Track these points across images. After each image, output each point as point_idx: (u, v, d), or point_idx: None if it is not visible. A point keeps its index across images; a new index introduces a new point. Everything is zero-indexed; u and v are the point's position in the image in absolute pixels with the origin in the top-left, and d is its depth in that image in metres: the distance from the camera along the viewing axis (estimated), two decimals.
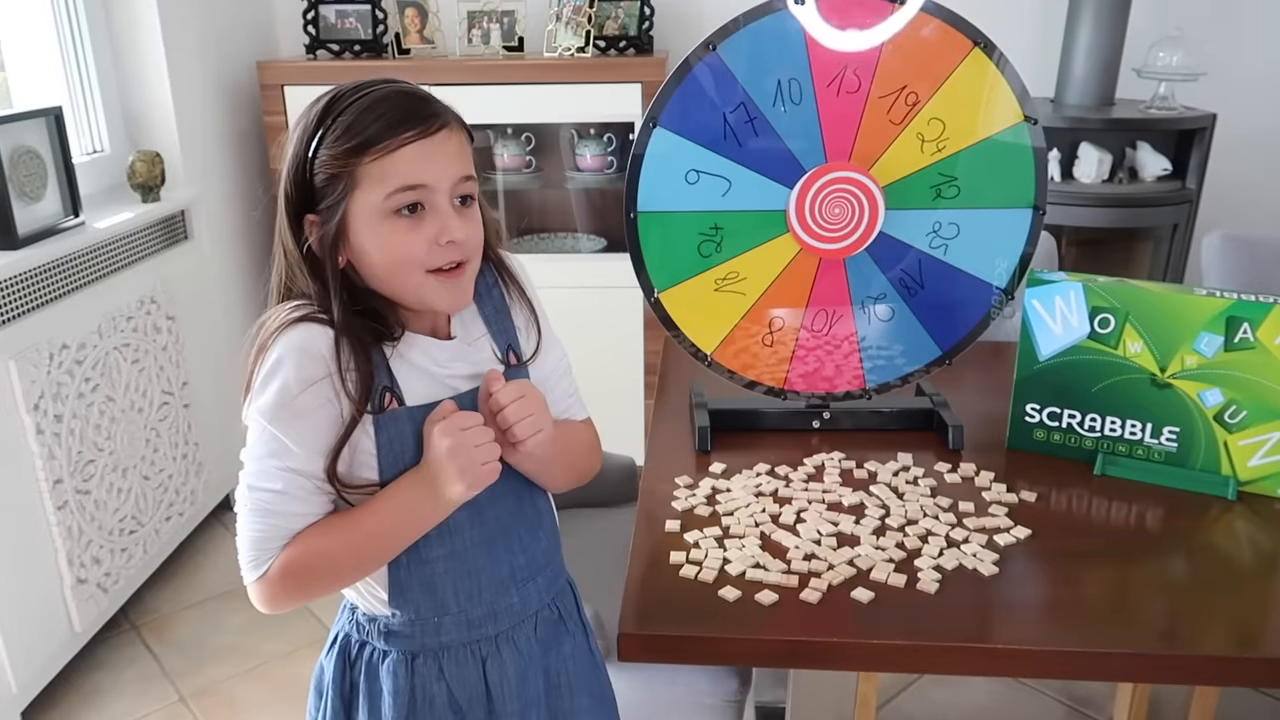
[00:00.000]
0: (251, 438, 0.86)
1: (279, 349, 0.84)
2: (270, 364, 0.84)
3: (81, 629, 1.96)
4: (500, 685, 0.95)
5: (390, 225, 0.84)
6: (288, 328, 0.84)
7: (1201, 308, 1.20)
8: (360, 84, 0.86)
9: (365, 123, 0.83)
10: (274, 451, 0.85)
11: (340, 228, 0.85)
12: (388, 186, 0.83)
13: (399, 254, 0.85)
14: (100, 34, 2.27)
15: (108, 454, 2.02)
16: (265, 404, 0.84)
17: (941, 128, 1.28)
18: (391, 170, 0.83)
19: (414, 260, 0.85)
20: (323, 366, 0.84)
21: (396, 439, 0.88)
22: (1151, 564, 1.12)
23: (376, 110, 0.83)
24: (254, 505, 0.85)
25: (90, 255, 1.98)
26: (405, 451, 0.88)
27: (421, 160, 0.84)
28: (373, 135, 0.82)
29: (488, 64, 2.52)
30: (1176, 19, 2.57)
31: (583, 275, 2.65)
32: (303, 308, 0.86)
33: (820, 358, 1.39)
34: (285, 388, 0.83)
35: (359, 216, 0.84)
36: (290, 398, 0.83)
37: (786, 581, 1.05)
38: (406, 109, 0.84)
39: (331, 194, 0.84)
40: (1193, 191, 2.47)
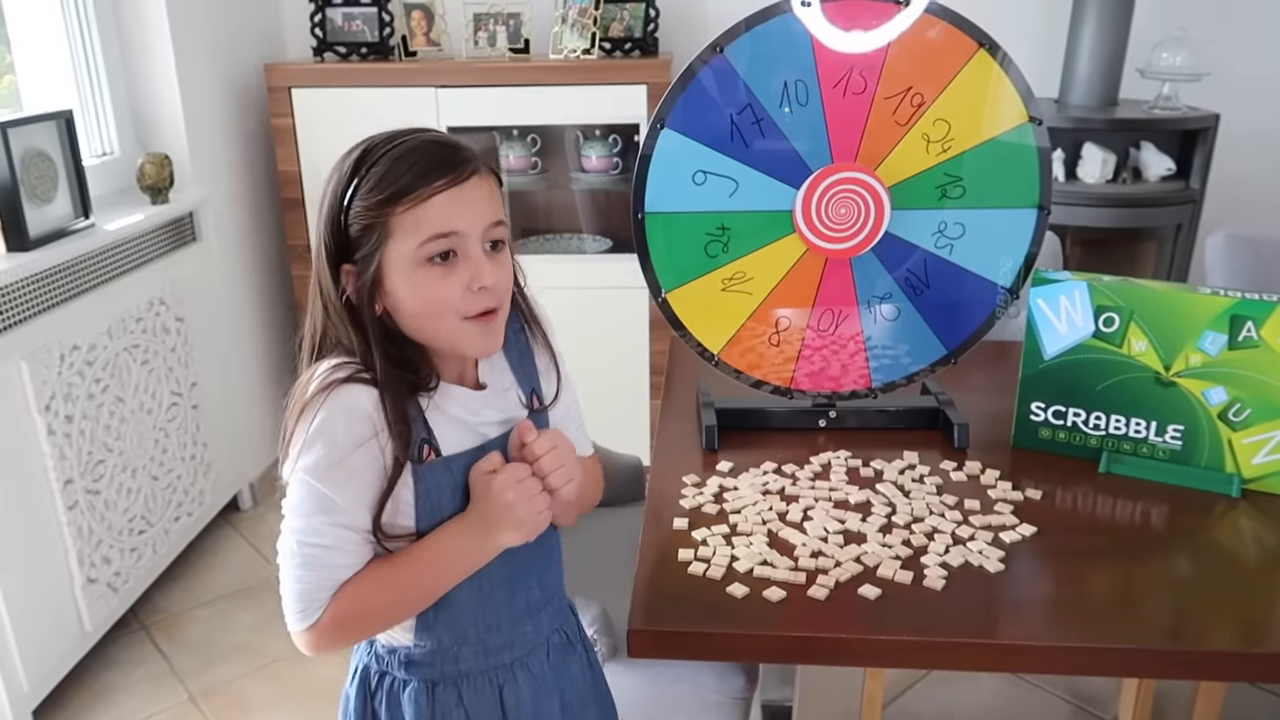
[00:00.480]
0: (297, 495, 0.87)
1: (326, 411, 0.85)
2: (317, 425, 0.84)
3: (92, 628, 1.97)
4: (516, 710, 0.98)
5: (424, 273, 0.86)
6: (333, 389, 0.85)
7: (1205, 306, 1.21)
8: (394, 134, 0.88)
9: (398, 173, 0.84)
10: (323, 508, 0.86)
11: (376, 277, 0.86)
12: (421, 235, 0.85)
13: (433, 301, 0.86)
14: (110, 37, 2.28)
15: (117, 454, 2.04)
16: (314, 464, 0.85)
17: (947, 128, 1.29)
18: (424, 219, 0.85)
19: (448, 307, 0.87)
20: (369, 427, 0.85)
21: (434, 489, 0.90)
22: (1157, 561, 1.12)
23: (408, 160, 0.85)
24: (302, 559, 0.86)
25: (100, 257, 2.00)
26: (442, 501, 0.90)
27: (453, 208, 0.85)
28: (405, 185, 0.84)
29: (494, 66, 2.53)
30: (1180, 19, 2.57)
31: (588, 276, 2.66)
32: (344, 367, 0.87)
33: (826, 357, 1.40)
34: (335, 448, 0.85)
35: (393, 265, 0.86)
36: (341, 458, 0.85)
37: (794, 578, 1.06)
38: (437, 158, 0.86)
39: (366, 244, 0.86)
40: (1196, 191, 2.48)
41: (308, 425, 0.85)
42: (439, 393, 0.91)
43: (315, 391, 0.85)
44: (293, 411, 0.86)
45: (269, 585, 2.31)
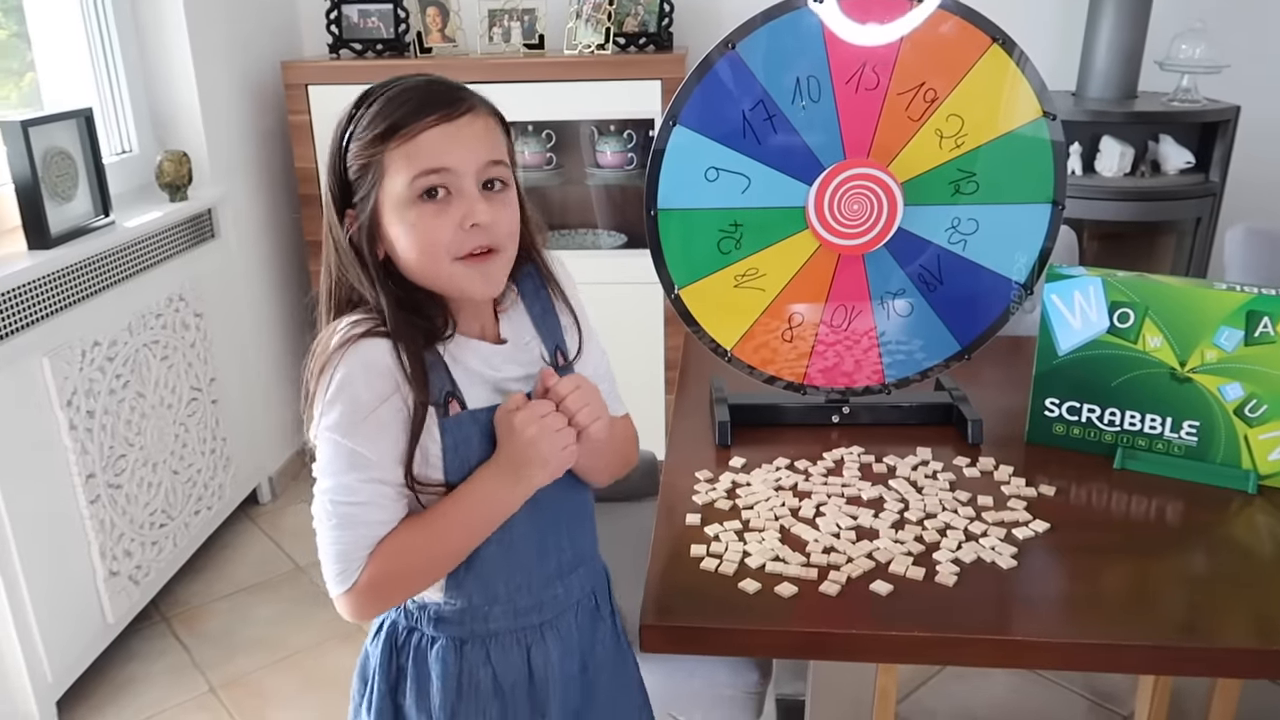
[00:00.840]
0: (326, 454, 0.87)
1: (345, 367, 0.85)
2: (338, 382, 0.84)
3: (114, 620, 2.00)
4: (544, 669, 0.99)
5: (416, 211, 0.85)
6: (350, 344, 0.85)
7: (1221, 302, 1.20)
8: (392, 79, 0.88)
9: (390, 109, 0.84)
10: (355, 465, 0.86)
11: (374, 218, 0.86)
12: (412, 170, 0.84)
13: (426, 240, 0.85)
14: (128, 36, 2.30)
15: (138, 449, 2.06)
16: (340, 421, 0.85)
17: (960, 124, 1.28)
18: (415, 154, 0.83)
19: (441, 245, 0.86)
20: (390, 380, 0.85)
21: (462, 442, 0.90)
22: (1172, 558, 1.12)
23: (402, 98, 0.85)
24: (338, 519, 0.86)
25: (120, 254, 2.02)
26: (470, 454, 0.90)
27: (445, 143, 0.84)
28: (397, 120, 0.83)
29: (508, 62, 2.54)
30: (1199, 11, 2.55)
31: (603, 271, 2.66)
32: (361, 323, 0.87)
33: (840, 353, 1.40)
34: (359, 404, 0.84)
35: (388, 204, 0.85)
36: (367, 412, 0.85)
37: (806, 574, 1.06)
38: (431, 94, 0.86)
39: (363, 185, 0.86)
40: (1216, 185, 2.46)
41: (328, 383, 0.84)
42: (458, 346, 0.90)
43: (334, 348, 0.85)
44: (313, 370, 0.86)
45: (288, 578, 2.33)
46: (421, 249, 0.86)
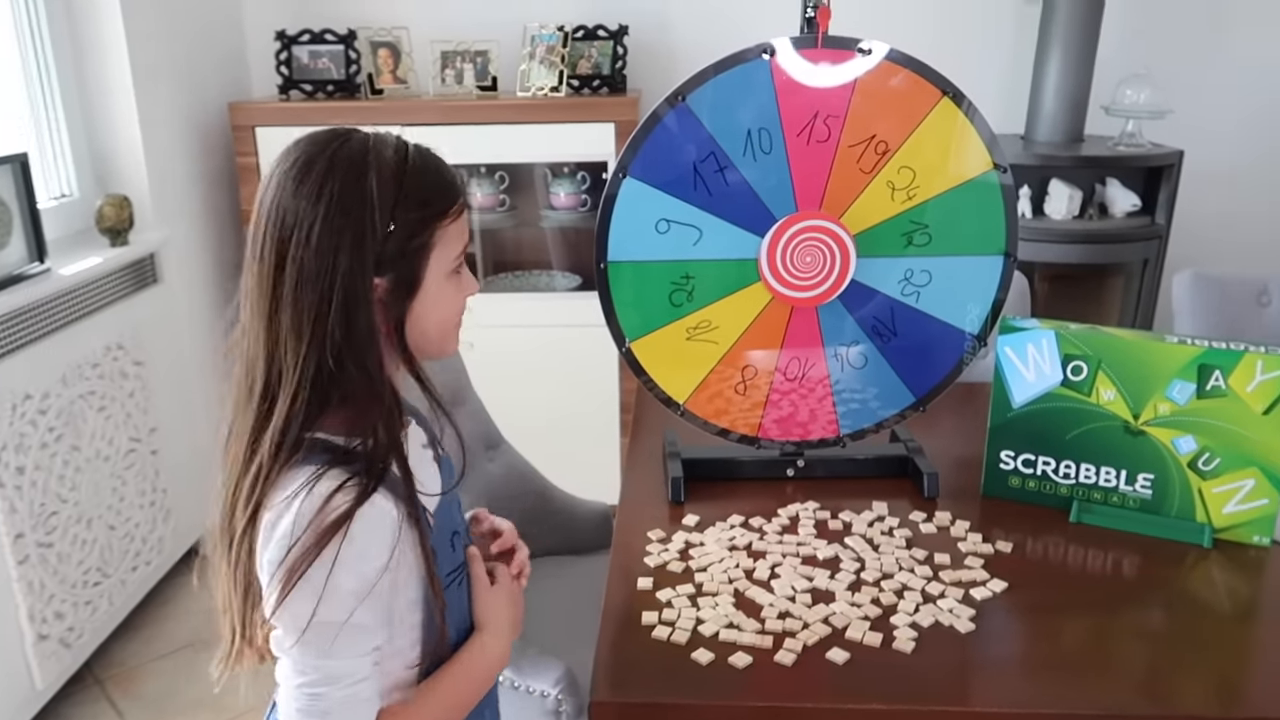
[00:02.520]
0: (320, 644, 0.78)
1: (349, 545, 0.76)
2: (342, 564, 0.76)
3: (43, 686, 1.90)
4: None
5: (452, 284, 0.86)
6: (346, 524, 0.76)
7: (1173, 355, 1.20)
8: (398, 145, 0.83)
9: (441, 185, 0.84)
10: (357, 642, 0.79)
11: (414, 289, 0.83)
12: (458, 246, 0.86)
13: (455, 310, 0.88)
14: (68, 77, 2.24)
15: (72, 504, 1.98)
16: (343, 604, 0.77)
17: (912, 176, 1.28)
18: (458, 231, 0.85)
19: (460, 316, 0.89)
20: (392, 536, 0.79)
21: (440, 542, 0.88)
22: (1129, 614, 1.11)
23: (444, 173, 0.85)
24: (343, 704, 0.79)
25: (55, 302, 1.95)
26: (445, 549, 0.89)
27: (466, 223, 0.87)
28: (451, 198, 0.84)
29: (461, 104, 2.52)
30: (1142, 57, 2.60)
31: (557, 313, 2.63)
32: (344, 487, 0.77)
33: (795, 403, 1.38)
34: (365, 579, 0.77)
35: (432, 278, 0.84)
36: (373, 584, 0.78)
37: (761, 642, 1.03)
38: (452, 171, 0.86)
39: (407, 256, 0.81)
40: (1162, 227, 2.49)
41: (325, 572, 0.75)
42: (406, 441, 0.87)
43: (323, 535, 0.75)
44: (298, 557, 0.75)
45: None
46: (450, 318, 0.88)
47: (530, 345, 2.61)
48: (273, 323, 0.79)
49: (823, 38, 1.24)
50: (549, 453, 1.90)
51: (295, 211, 0.77)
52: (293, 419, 0.79)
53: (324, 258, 0.77)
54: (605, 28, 2.63)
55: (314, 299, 0.77)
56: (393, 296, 0.81)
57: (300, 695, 0.79)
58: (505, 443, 1.73)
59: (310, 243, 0.77)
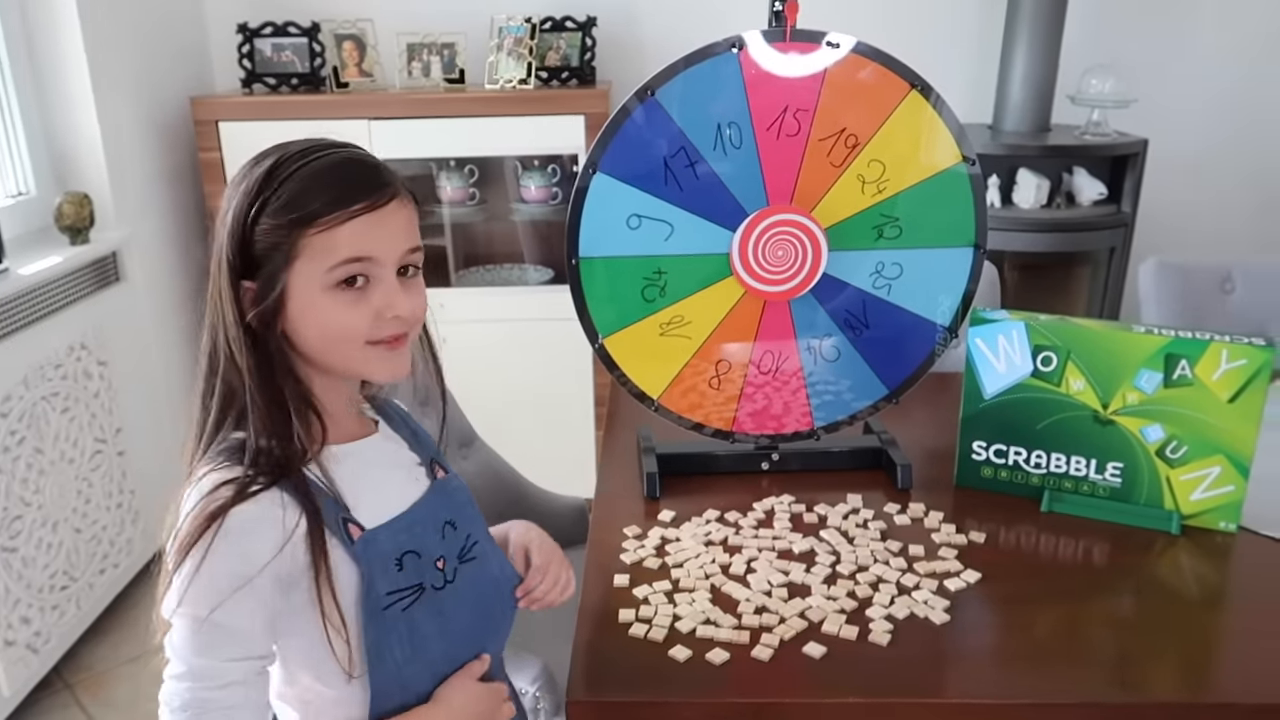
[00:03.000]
0: (185, 635, 0.77)
1: (220, 540, 0.76)
2: (211, 558, 0.76)
3: (10, 693, 1.87)
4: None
5: (331, 298, 0.81)
6: (221, 518, 0.76)
7: (1141, 345, 1.22)
8: (309, 146, 0.82)
9: (312, 193, 0.79)
10: (223, 642, 0.78)
11: (280, 298, 0.81)
12: (331, 259, 0.80)
13: (340, 328, 0.82)
14: (23, 71, 2.19)
15: (36, 508, 1.94)
16: (210, 597, 0.76)
17: (881, 169, 1.28)
18: (336, 243, 0.80)
19: (355, 333, 0.82)
20: (273, 540, 0.78)
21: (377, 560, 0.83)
22: (1100, 602, 1.12)
23: (324, 179, 0.80)
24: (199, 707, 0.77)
25: (14, 303, 1.91)
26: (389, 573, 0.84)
27: (369, 232, 0.81)
28: (319, 208, 0.79)
29: (429, 97, 2.49)
30: (1107, 47, 2.63)
31: (530, 307, 2.62)
32: (229, 482, 0.78)
33: (769, 396, 1.38)
34: (236, 577, 0.76)
35: (298, 288, 0.80)
36: (243, 583, 0.77)
37: (737, 638, 1.03)
38: (356, 179, 0.81)
39: (270, 263, 0.80)
40: (1128, 215, 2.52)
41: (198, 559, 0.75)
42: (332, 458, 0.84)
43: (202, 520, 0.76)
44: (178, 543, 0.76)
45: None
46: (335, 335, 0.82)
47: (502, 339, 2.60)
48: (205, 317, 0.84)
49: (791, 31, 1.24)
50: (523, 447, 1.90)
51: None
52: (207, 410, 0.83)
53: (213, 256, 0.82)
54: (573, 19, 2.62)
55: (209, 295, 0.83)
56: (260, 302, 0.81)
57: (167, 686, 0.79)
58: (479, 439, 1.72)
59: (212, 242, 0.82)
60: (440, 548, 0.89)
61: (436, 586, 0.87)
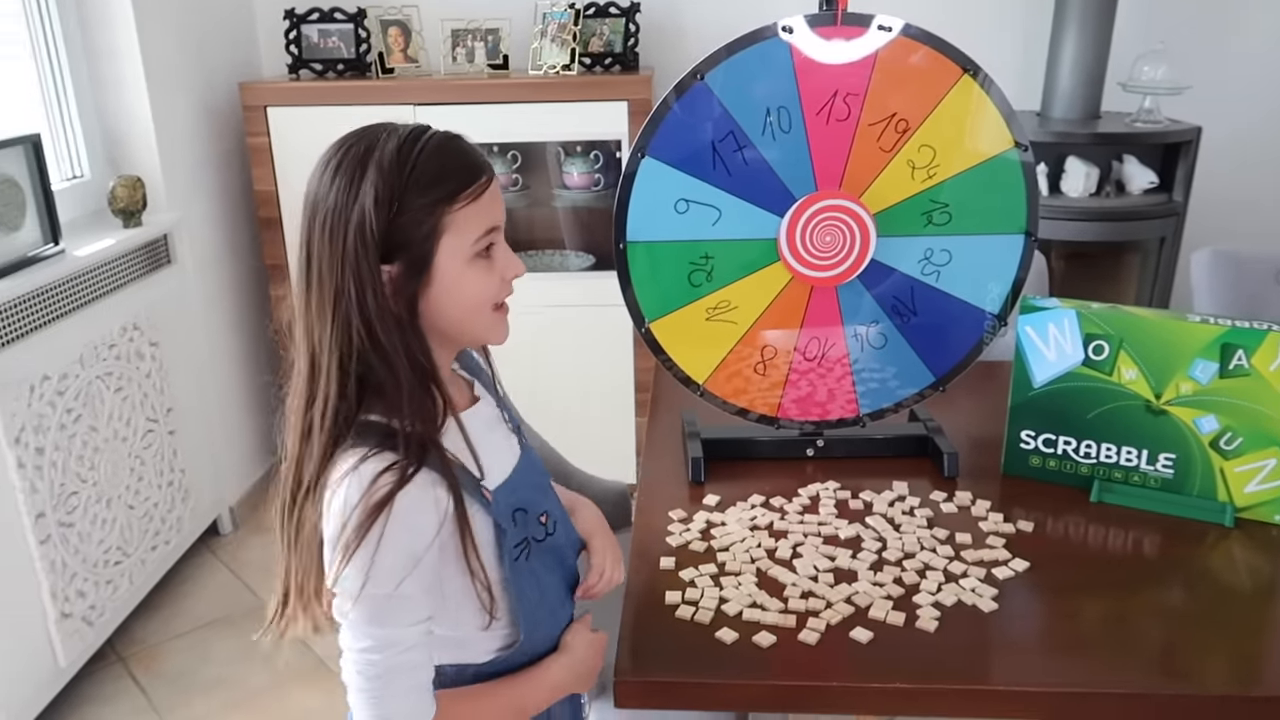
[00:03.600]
0: (370, 613, 0.83)
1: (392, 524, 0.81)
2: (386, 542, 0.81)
3: (66, 664, 1.93)
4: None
5: (473, 268, 0.87)
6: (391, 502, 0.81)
7: (1196, 335, 1.20)
8: (411, 130, 0.85)
9: (449, 171, 0.84)
10: (403, 612, 0.84)
11: (428, 274, 0.85)
12: (475, 231, 0.86)
13: (480, 296, 0.88)
14: (78, 57, 2.24)
15: (91, 485, 1.99)
16: (391, 577, 0.82)
17: (932, 154, 1.27)
18: (476, 216, 0.85)
19: (491, 300, 0.89)
20: (435, 518, 0.84)
21: (504, 516, 0.90)
22: (1150, 594, 1.11)
23: (454, 158, 0.85)
24: (391, 672, 0.84)
25: (71, 284, 1.96)
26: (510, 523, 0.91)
27: (492, 202, 0.87)
28: (457, 185, 0.84)
29: (472, 83, 2.50)
30: (1160, 32, 2.58)
31: (571, 293, 2.63)
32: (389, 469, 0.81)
33: (813, 383, 1.38)
34: (412, 555, 0.82)
35: (444, 263, 0.85)
36: (418, 560, 0.83)
37: (784, 621, 1.03)
38: (474, 155, 0.87)
39: (416, 243, 0.83)
40: (1179, 204, 2.48)
41: (373, 545, 0.80)
42: (467, 423, 0.89)
43: (370, 514, 0.80)
44: (349, 534, 0.80)
45: (249, 613, 2.26)
46: (475, 304, 0.88)
47: (544, 325, 2.62)
48: (308, 306, 0.85)
49: (842, 14, 1.23)
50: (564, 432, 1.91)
51: (315, 204, 0.84)
52: (331, 398, 0.83)
53: (335, 245, 0.82)
54: (617, 5, 2.62)
55: (331, 284, 0.83)
56: (406, 282, 0.84)
57: (359, 659, 0.84)
58: (524, 422, 1.73)
59: (325, 232, 0.83)
60: (542, 504, 0.97)
61: (538, 539, 0.94)
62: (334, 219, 0.82)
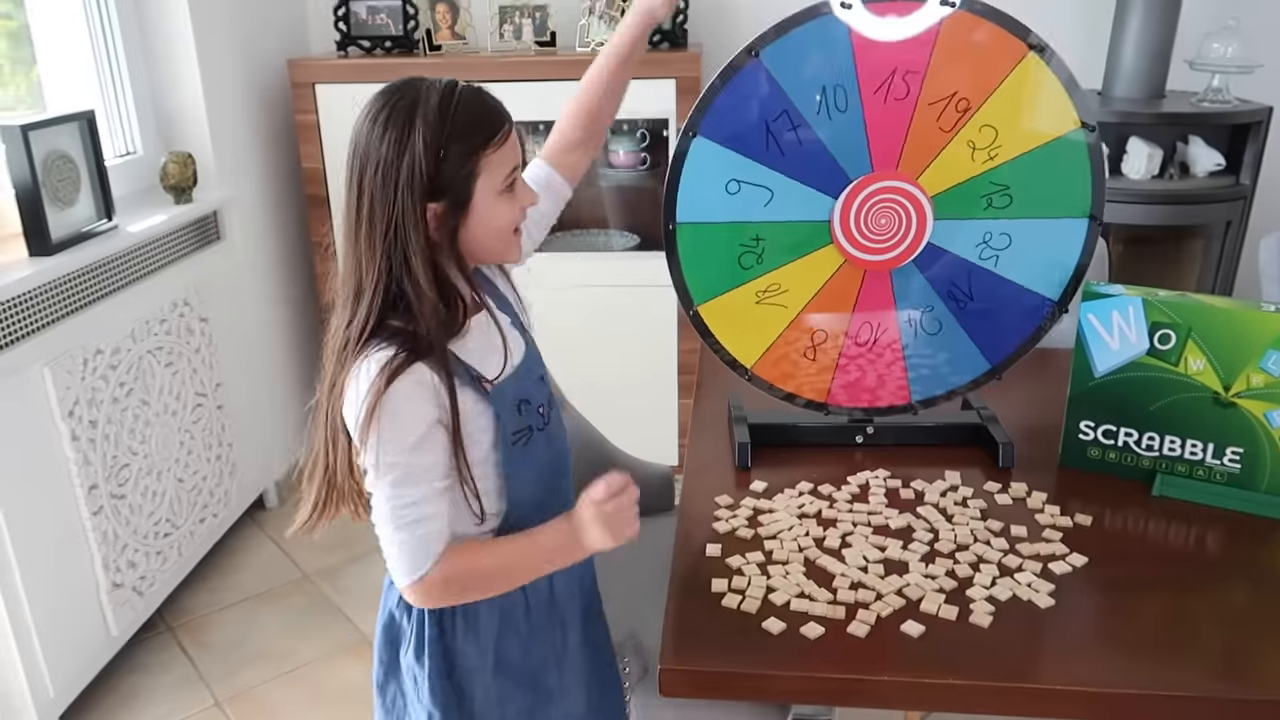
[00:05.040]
0: (386, 474, 0.94)
1: (394, 401, 0.92)
2: (391, 416, 0.93)
3: (118, 632, 1.96)
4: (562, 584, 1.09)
5: (502, 201, 0.99)
6: (395, 379, 0.92)
7: (1269, 324, 1.15)
8: (446, 84, 0.96)
9: (482, 119, 0.96)
10: (412, 479, 0.95)
11: (468, 210, 0.96)
12: (505, 170, 0.98)
13: (507, 224, 1.01)
14: (132, 35, 2.26)
15: (142, 458, 2.02)
16: (399, 447, 0.93)
17: (994, 135, 1.23)
18: (505, 157, 0.98)
19: (513, 225, 1.02)
20: (434, 401, 0.95)
21: (504, 408, 1.00)
22: (1214, 593, 1.07)
23: (485, 107, 0.97)
24: (405, 522, 0.95)
25: (123, 259, 1.98)
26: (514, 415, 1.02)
27: (515, 146, 1.00)
28: (494, 128, 0.96)
29: (520, 60, 2.48)
30: (1232, 9, 2.48)
31: (615, 273, 2.61)
32: (396, 355, 0.93)
33: (863, 369, 1.35)
34: (414, 429, 0.94)
35: (481, 199, 0.97)
36: (420, 436, 0.94)
37: (833, 613, 1.01)
38: (499, 105, 0.99)
39: (458, 183, 0.95)
40: (1247, 188, 2.39)
41: (380, 420, 0.92)
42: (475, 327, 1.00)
43: (382, 387, 0.92)
44: (364, 410, 0.92)
45: (296, 586, 2.29)
46: (502, 229, 1.01)
47: (588, 305, 2.60)
48: (356, 241, 0.96)
49: None
50: (607, 413, 1.90)
51: (366, 152, 0.95)
52: (372, 313, 0.95)
53: (387, 189, 0.94)
54: None
55: (383, 222, 0.94)
56: (449, 217, 0.96)
57: (389, 508, 0.95)
58: (568, 403, 1.72)
59: (377, 178, 0.94)
60: (540, 395, 1.06)
61: (539, 428, 1.05)
62: (386, 167, 0.93)
